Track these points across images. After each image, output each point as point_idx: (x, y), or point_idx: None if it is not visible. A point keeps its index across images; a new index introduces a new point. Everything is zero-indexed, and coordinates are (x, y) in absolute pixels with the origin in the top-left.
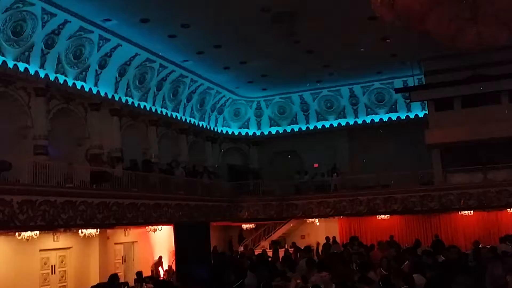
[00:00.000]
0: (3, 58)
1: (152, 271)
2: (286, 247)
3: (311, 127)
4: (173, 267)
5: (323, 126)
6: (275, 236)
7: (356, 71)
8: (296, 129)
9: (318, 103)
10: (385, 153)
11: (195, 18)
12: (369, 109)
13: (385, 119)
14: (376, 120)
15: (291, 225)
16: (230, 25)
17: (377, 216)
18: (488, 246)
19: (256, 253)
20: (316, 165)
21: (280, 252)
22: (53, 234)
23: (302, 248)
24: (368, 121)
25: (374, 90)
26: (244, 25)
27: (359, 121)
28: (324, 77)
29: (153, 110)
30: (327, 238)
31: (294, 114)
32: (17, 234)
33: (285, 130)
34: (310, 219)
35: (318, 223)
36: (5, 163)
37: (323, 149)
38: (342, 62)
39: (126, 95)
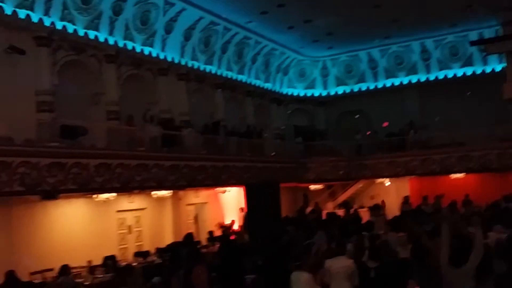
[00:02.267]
0: (74, 27)
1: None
2: (354, 207)
3: (380, 85)
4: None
5: (393, 83)
6: (343, 197)
7: (427, 25)
8: (364, 88)
9: (387, 59)
10: (459, 109)
11: None
12: (442, 64)
13: (460, 74)
14: (450, 75)
15: (360, 185)
16: None
17: (450, 175)
18: None
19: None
20: (385, 124)
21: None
22: (128, 196)
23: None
24: (441, 76)
25: (447, 44)
26: None
27: (432, 77)
28: (393, 32)
29: (219, 74)
30: (406, 198)
31: (361, 72)
32: (94, 196)
33: (352, 89)
34: (380, 180)
35: (388, 184)
36: (82, 129)
37: (392, 108)
38: (412, 16)
39: (192, 59)
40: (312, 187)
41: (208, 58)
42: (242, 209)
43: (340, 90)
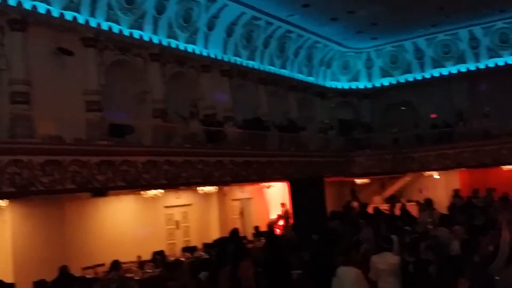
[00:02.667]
0: (119, 27)
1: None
2: (402, 201)
3: (427, 76)
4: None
5: (440, 73)
6: (391, 191)
7: (475, 11)
8: (410, 79)
9: (433, 49)
10: (510, 99)
11: None
12: (491, 52)
13: (510, 61)
14: (501, 63)
15: (407, 179)
16: None
17: (502, 167)
18: None
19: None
20: (433, 115)
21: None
22: (175, 192)
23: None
24: (491, 65)
25: (496, 31)
26: None
27: (481, 66)
28: (439, 20)
29: (261, 69)
30: (456, 191)
31: (407, 63)
32: (143, 192)
33: (398, 81)
34: (428, 172)
35: (437, 176)
36: (129, 127)
37: (440, 98)
38: (458, 2)
39: (234, 55)
40: (359, 181)
41: (251, 53)
42: (283, 205)
43: (386, 81)
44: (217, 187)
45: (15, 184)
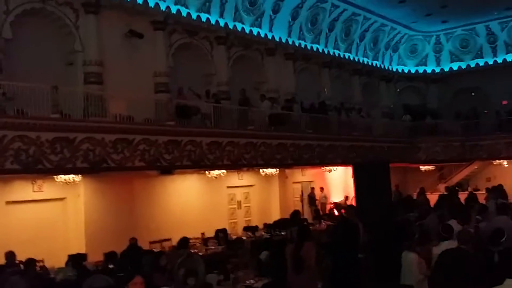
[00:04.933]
0: (187, 10)
1: (330, 210)
2: (469, 190)
3: (500, 61)
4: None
5: None
6: (456, 178)
7: None
8: (481, 64)
9: (507, 33)
10: None
11: None
12: None
13: None
14: None
15: (475, 167)
16: None
17: None
18: None
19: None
20: (504, 102)
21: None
22: (237, 173)
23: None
24: None
25: None
26: None
27: None
28: None
29: (326, 52)
30: None
31: (479, 47)
32: (207, 172)
33: (468, 65)
34: (498, 161)
35: (506, 165)
36: (195, 109)
37: None
38: None
39: (299, 39)
40: (423, 168)
41: (315, 36)
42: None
43: (455, 66)
44: (278, 170)
45: (88, 160)
